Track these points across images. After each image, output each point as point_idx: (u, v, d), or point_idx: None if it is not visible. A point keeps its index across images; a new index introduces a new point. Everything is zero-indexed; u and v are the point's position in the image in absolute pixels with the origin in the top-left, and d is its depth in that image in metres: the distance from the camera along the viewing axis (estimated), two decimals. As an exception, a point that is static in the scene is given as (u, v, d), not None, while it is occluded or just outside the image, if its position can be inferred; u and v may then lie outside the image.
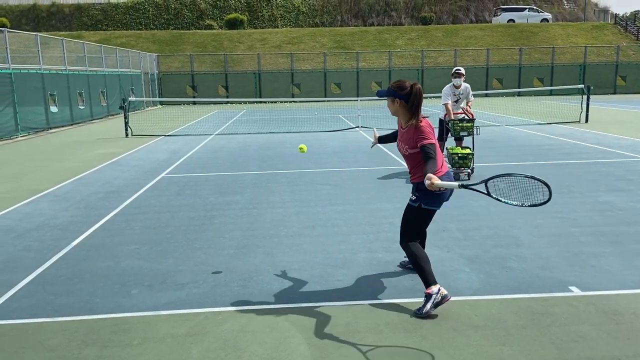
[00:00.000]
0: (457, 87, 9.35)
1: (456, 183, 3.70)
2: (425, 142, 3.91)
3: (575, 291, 4.34)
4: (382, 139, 4.74)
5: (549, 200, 3.47)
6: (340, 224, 6.46)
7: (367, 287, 4.53)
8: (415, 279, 4.66)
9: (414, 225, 4.21)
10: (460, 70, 9.35)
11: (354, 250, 5.47)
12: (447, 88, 9.46)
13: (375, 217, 6.69)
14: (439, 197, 4.04)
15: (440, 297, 3.95)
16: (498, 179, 3.62)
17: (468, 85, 9.55)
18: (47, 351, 3.61)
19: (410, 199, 4.20)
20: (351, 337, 3.69)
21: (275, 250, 5.54)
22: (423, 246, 4.54)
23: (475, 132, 9.29)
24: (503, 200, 3.59)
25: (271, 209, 7.25)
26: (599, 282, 4.52)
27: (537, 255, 5.17)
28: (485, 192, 3.64)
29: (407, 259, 4.84)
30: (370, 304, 4.20)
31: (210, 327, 3.89)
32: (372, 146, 5.17)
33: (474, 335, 3.66)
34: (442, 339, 3.63)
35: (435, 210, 4.17)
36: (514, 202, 3.59)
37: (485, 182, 3.63)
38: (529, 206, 3.53)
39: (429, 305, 3.92)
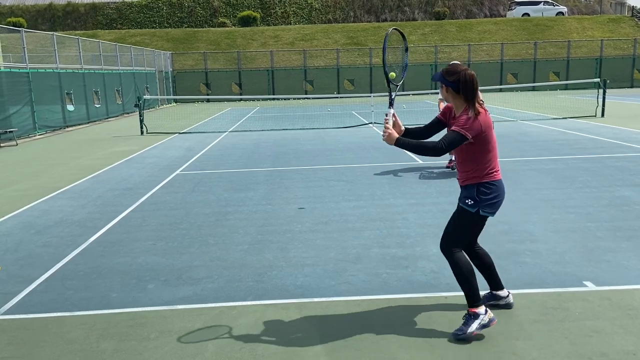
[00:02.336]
0: None
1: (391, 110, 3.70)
2: (455, 127, 3.46)
3: (590, 286, 4.32)
4: (405, 132, 3.86)
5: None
6: (354, 219, 6.48)
7: (381, 283, 4.55)
8: (428, 275, 4.67)
9: (467, 233, 3.69)
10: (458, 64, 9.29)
11: (367, 246, 5.49)
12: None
13: (389, 213, 6.70)
14: (499, 203, 3.61)
15: (488, 320, 3.55)
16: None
17: None
18: (67, 344, 3.69)
19: (465, 203, 3.59)
20: (364, 331, 3.72)
21: (289, 246, 5.58)
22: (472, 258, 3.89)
23: None
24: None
25: (285, 205, 7.30)
26: (615, 277, 4.49)
27: (551, 251, 5.15)
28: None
29: (486, 294, 4.00)
30: (384, 299, 4.22)
31: (225, 322, 3.94)
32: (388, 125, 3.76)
33: (487, 329, 3.66)
34: (455, 333, 3.64)
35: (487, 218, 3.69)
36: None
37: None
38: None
39: (474, 326, 3.50)
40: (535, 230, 5.80)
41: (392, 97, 3.88)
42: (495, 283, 3.93)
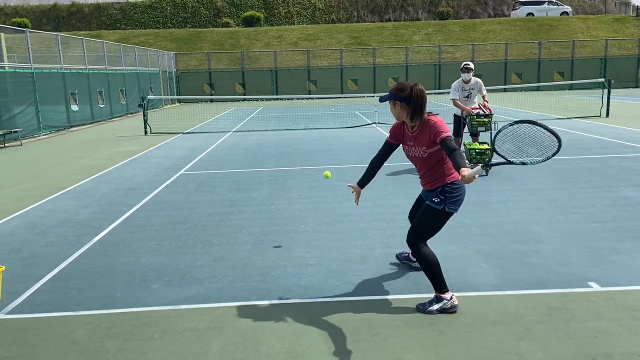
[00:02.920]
0: (466, 82, 9.28)
1: (478, 167, 3.61)
2: (444, 135, 3.79)
3: (595, 287, 4.30)
4: (363, 182, 4.45)
5: (559, 148, 3.56)
6: (357, 220, 6.48)
7: (384, 283, 4.55)
8: (432, 275, 4.66)
9: (433, 228, 4.06)
10: (469, 64, 9.28)
11: (370, 246, 5.49)
12: (455, 83, 9.43)
13: (392, 213, 6.69)
14: (461, 200, 4.00)
15: (450, 305, 3.92)
16: (503, 138, 3.79)
17: (479, 80, 9.47)
18: (71, 344, 3.70)
19: (432, 201, 4.00)
20: (368, 332, 3.72)
21: (293, 246, 5.58)
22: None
23: (492, 128, 9.22)
24: (528, 161, 3.65)
25: (289, 205, 7.30)
26: (619, 277, 4.48)
27: (556, 251, 5.13)
28: (506, 161, 3.70)
29: (405, 253, 4.93)
30: (387, 299, 4.22)
31: (229, 322, 3.94)
32: (357, 200, 4.58)
33: (491, 330, 3.66)
34: (459, 333, 3.63)
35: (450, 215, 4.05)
36: (537, 159, 3.65)
37: (495, 151, 3.73)
38: (548, 158, 3.62)
39: (435, 307, 3.92)
40: (540, 231, 5.78)
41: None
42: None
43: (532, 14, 44.14)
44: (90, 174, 10.14)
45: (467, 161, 8.99)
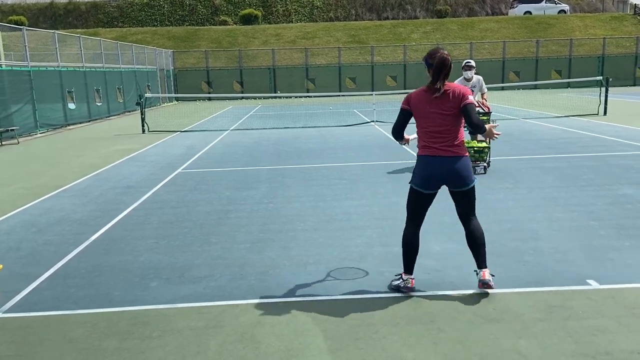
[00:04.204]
0: (468, 80, 9.28)
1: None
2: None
3: (594, 284, 4.30)
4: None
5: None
6: (356, 218, 6.47)
7: (383, 281, 4.53)
8: (431, 273, 4.66)
9: (407, 204, 4.31)
10: (470, 62, 9.27)
11: (369, 244, 5.48)
12: (457, 82, 9.42)
13: (391, 212, 6.68)
14: (420, 177, 4.16)
15: (403, 285, 4.23)
16: None
17: (480, 77, 9.46)
18: (69, 342, 3.68)
19: None
20: (367, 329, 3.71)
21: (292, 244, 5.57)
22: (467, 232, 4.29)
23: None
24: None
25: (287, 204, 7.28)
26: (619, 275, 4.47)
27: (555, 249, 5.13)
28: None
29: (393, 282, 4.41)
30: (387, 297, 4.21)
31: (228, 320, 3.93)
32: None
33: (491, 328, 3.65)
34: (459, 331, 3.62)
35: (423, 193, 4.19)
36: None
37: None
38: None
39: (394, 284, 4.31)
40: (539, 229, 5.77)
41: None
42: (477, 260, 4.23)
43: (529, 12, 44.12)
44: (87, 172, 10.10)
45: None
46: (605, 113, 17.22)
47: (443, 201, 7.05)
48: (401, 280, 4.26)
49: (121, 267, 5.06)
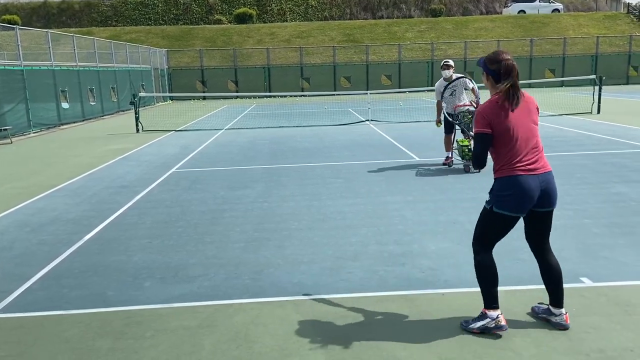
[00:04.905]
0: (447, 79, 9.26)
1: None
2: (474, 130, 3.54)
3: (587, 282, 4.32)
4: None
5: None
6: (351, 217, 6.47)
7: (378, 280, 4.54)
8: (426, 272, 4.66)
9: (485, 231, 3.61)
10: (448, 62, 9.27)
11: (364, 243, 5.48)
12: (437, 84, 9.48)
13: (386, 210, 6.69)
14: (515, 201, 3.41)
15: (494, 325, 3.50)
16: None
17: (462, 76, 9.40)
18: (62, 343, 3.66)
19: (487, 199, 3.61)
20: (362, 329, 3.71)
21: (286, 243, 5.56)
22: (544, 267, 3.77)
23: None
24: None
25: (282, 203, 7.27)
26: (612, 273, 4.49)
27: (548, 247, 5.13)
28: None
29: (538, 307, 3.83)
30: (381, 296, 4.21)
31: (222, 319, 3.92)
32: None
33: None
34: (454, 330, 3.63)
35: (514, 217, 3.49)
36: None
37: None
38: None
39: (477, 325, 3.54)
40: (532, 227, 5.78)
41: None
42: (554, 298, 3.67)
43: (523, 11, 44.22)
44: (81, 171, 10.06)
45: (460, 158, 9.03)
46: (599, 111, 17.29)
47: (437, 201, 7.10)
48: (489, 319, 3.52)
49: (115, 267, 5.04)
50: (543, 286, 4.25)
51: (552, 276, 3.68)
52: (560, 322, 3.59)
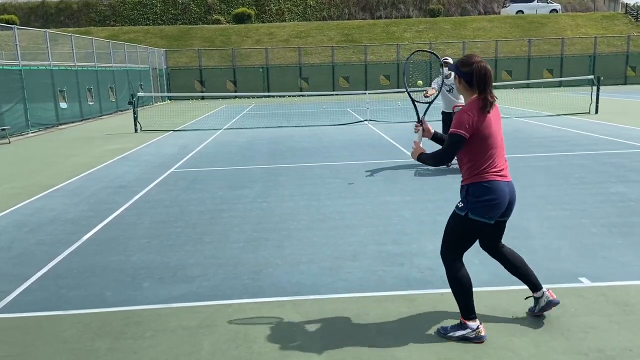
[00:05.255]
0: (446, 77, 9.33)
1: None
2: (451, 130, 3.42)
3: (585, 282, 4.32)
4: (438, 138, 3.76)
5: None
6: (350, 217, 6.47)
7: (377, 280, 4.54)
8: (425, 272, 4.67)
9: (457, 239, 3.52)
10: (447, 59, 9.31)
11: (363, 243, 5.48)
12: (437, 79, 9.54)
13: (385, 210, 6.69)
14: (491, 207, 3.36)
15: (474, 335, 3.45)
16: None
17: None
18: (61, 343, 3.66)
19: (457, 205, 3.51)
20: (361, 328, 3.71)
21: (285, 244, 5.56)
22: (504, 260, 3.80)
23: None
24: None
25: (281, 203, 7.27)
26: (610, 273, 4.50)
27: (547, 247, 5.15)
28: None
29: (530, 308, 3.82)
30: (380, 296, 4.21)
31: (221, 320, 3.92)
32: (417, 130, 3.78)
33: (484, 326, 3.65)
34: (452, 330, 3.63)
35: (487, 224, 3.43)
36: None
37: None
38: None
39: (456, 335, 3.47)
40: (531, 227, 5.80)
41: (419, 113, 3.83)
42: (531, 284, 3.73)
43: (522, 11, 44.30)
44: (79, 171, 10.04)
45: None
46: (596, 112, 17.31)
47: (435, 201, 7.11)
48: (469, 330, 3.46)
49: (113, 267, 5.03)
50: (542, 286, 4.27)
51: (516, 263, 3.75)
52: (547, 300, 3.65)
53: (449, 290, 4.22)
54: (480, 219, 3.39)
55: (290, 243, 5.58)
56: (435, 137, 3.74)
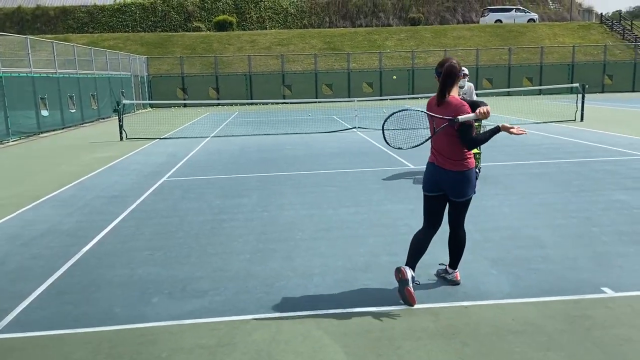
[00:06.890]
0: (461, 87, 9.27)
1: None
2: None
3: (609, 292, 4.26)
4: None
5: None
6: (355, 226, 6.34)
7: (395, 292, 4.40)
8: (445, 283, 4.56)
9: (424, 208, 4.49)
10: (465, 71, 9.28)
11: (375, 253, 5.35)
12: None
13: (390, 219, 6.58)
14: (425, 177, 4.38)
15: (398, 278, 4.21)
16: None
17: (471, 85, 9.46)
18: (73, 365, 3.44)
19: (467, 193, 4.38)
20: (388, 344, 3.57)
21: (293, 254, 5.41)
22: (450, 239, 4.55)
23: (481, 132, 9.23)
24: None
25: (282, 212, 7.11)
26: (631, 283, 4.45)
27: (563, 256, 5.09)
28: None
29: (439, 268, 4.76)
30: (402, 310, 4.09)
31: (240, 337, 3.74)
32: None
33: (515, 340, 3.55)
34: (484, 345, 3.52)
35: (427, 195, 4.37)
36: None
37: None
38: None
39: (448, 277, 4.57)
40: (541, 236, 5.74)
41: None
42: (453, 262, 4.55)
43: (500, 20, 44.93)
44: (69, 180, 9.72)
45: None
46: (582, 119, 17.54)
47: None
48: (398, 273, 4.25)
49: (119, 282, 4.81)
50: (565, 297, 4.20)
51: (458, 244, 4.48)
52: (452, 279, 4.53)
53: (473, 302, 4.15)
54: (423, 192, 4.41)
55: (299, 254, 5.42)
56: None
